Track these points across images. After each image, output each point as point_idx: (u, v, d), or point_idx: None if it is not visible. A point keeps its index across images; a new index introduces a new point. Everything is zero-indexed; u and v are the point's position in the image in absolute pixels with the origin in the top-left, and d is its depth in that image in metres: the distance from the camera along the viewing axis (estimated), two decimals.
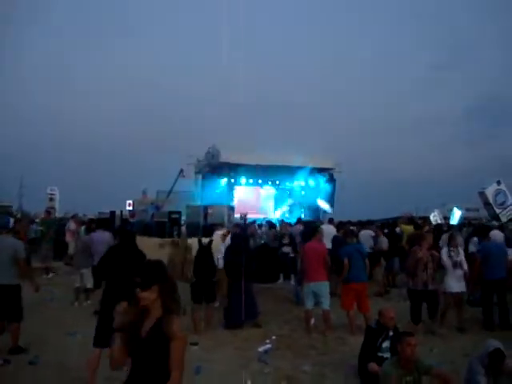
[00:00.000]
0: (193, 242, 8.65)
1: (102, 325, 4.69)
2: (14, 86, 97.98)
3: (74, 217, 17.12)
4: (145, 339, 2.46)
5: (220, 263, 8.41)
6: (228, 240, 8.65)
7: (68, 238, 15.05)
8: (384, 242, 11.44)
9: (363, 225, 13.47)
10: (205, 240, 7.87)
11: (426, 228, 12.19)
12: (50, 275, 12.68)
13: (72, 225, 15.18)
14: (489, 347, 4.24)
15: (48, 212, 15.17)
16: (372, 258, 11.13)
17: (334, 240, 10.48)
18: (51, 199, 26.92)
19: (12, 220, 12.36)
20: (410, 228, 12.34)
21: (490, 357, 4.18)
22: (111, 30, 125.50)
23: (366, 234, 11.74)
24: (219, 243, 8.79)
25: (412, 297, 7.26)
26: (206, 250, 7.79)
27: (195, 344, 6.65)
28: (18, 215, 23.02)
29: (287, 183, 28.32)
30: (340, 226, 12.73)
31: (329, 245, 10.94)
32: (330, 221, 13.78)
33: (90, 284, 9.17)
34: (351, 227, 12.00)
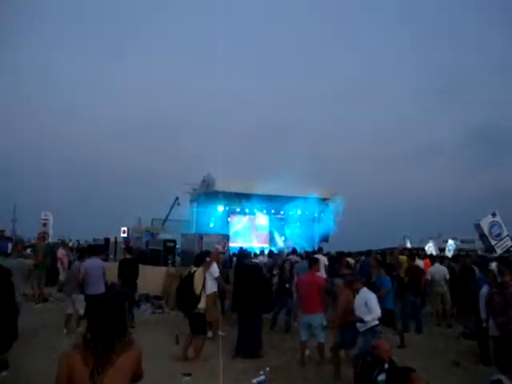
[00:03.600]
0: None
1: None
2: (9, 110, 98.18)
3: (64, 243, 17.05)
4: None
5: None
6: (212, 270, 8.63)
7: (58, 264, 14.96)
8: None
9: (361, 255, 13.47)
10: (192, 270, 7.75)
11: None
12: (40, 305, 12.21)
13: (60, 252, 15.09)
14: (492, 377, 4.24)
15: (42, 237, 14.90)
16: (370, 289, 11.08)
17: (329, 271, 10.45)
18: (45, 224, 26.77)
19: (10, 245, 12.17)
20: (404, 258, 12.36)
21: None
22: (109, 55, 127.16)
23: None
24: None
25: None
26: (187, 281, 7.65)
27: (188, 375, 6.56)
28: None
29: (282, 213, 28.36)
30: (336, 257, 12.66)
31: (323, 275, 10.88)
32: (319, 250, 13.68)
33: (82, 310, 9.10)
34: (348, 258, 11.90)
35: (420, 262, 12.63)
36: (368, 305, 6.08)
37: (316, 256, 12.19)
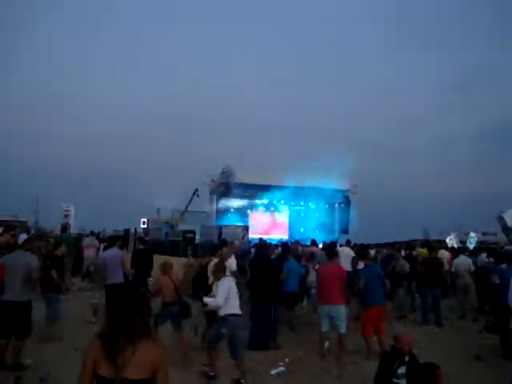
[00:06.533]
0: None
1: None
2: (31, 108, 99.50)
3: (92, 233, 17.27)
4: None
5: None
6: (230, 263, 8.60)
7: (89, 253, 15.02)
8: (405, 265, 11.04)
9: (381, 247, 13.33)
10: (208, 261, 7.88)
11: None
12: (67, 295, 12.26)
13: (95, 241, 15.26)
14: None
15: (64, 227, 15.16)
16: (392, 279, 10.92)
17: (354, 263, 10.36)
18: (66, 215, 27.10)
19: (24, 236, 12.10)
20: (424, 251, 12.14)
21: None
22: (124, 51, 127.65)
23: (345, 252, 11.43)
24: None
25: None
26: (202, 271, 7.76)
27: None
28: (33, 231, 23.21)
29: (302, 204, 28.28)
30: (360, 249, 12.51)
31: (348, 267, 10.79)
32: (348, 243, 13.66)
33: None
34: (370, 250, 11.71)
35: (445, 253, 12.44)
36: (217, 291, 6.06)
37: (342, 248, 12.16)
